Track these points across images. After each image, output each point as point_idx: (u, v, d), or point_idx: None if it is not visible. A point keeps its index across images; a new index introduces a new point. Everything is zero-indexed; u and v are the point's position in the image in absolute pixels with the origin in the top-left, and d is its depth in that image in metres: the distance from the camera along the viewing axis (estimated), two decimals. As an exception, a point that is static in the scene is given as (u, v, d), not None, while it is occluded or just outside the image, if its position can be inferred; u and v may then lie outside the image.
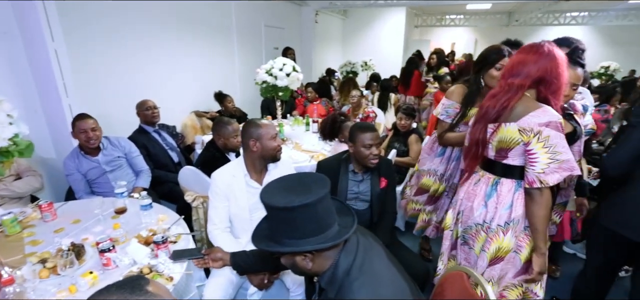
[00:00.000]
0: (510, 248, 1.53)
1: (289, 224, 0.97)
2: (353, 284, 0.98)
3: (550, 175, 1.35)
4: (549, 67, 1.39)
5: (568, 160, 1.33)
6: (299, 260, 1.03)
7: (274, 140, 1.82)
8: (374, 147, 1.92)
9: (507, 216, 1.51)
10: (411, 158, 3.06)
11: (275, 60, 3.18)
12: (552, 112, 1.36)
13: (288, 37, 6.71)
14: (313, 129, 3.87)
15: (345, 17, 10.15)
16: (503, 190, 1.52)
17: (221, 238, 1.81)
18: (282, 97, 3.30)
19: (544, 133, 1.34)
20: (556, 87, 1.41)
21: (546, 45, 1.42)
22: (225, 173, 1.84)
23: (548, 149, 1.35)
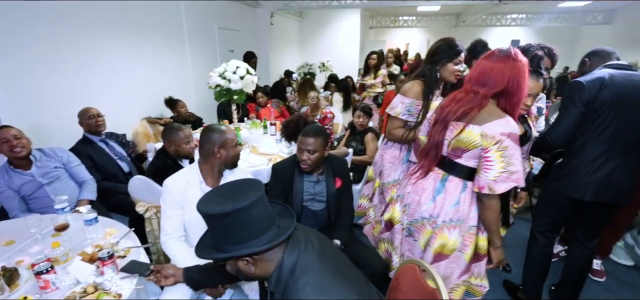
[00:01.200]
0: (455, 247, 1.58)
1: (227, 230, 0.98)
2: (297, 282, 0.99)
3: (500, 184, 1.40)
4: (514, 79, 1.42)
5: (517, 172, 1.40)
6: (242, 266, 1.04)
7: (237, 147, 1.83)
8: (306, 152, 1.92)
9: (453, 213, 1.56)
10: (368, 156, 3.12)
11: (229, 63, 3.11)
12: (513, 124, 1.41)
13: (243, 39, 6.60)
14: (271, 131, 3.84)
15: (302, 18, 10.18)
16: (450, 187, 1.56)
17: (176, 248, 1.74)
18: (237, 101, 3.24)
19: (504, 143, 1.38)
20: (517, 100, 1.45)
21: (512, 54, 1.44)
22: (179, 180, 1.78)
23: (503, 159, 1.39)
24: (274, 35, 7.81)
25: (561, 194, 1.94)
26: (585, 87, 1.76)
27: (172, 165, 2.31)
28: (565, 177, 1.92)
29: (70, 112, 2.84)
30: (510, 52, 1.44)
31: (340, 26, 9.95)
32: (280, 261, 1.03)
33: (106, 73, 3.64)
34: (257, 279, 1.10)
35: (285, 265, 1.02)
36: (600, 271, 2.63)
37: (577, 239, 2.12)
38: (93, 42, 3.44)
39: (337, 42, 9.96)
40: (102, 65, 3.58)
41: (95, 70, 3.49)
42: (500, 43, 2.42)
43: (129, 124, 3.87)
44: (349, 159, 2.99)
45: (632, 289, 2.55)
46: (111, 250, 1.48)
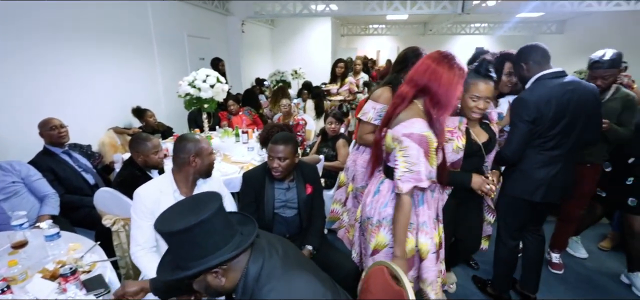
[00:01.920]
0: (385, 243, 1.66)
1: (191, 245, 0.96)
2: (262, 289, 0.99)
3: (405, 183, 1.46)
4: (438, 79, 1.45)
5: (419, 172, 1.45)
6: (211, 280, 1.02)
7: (211, 155, 1.85)
8: (276, 160, 1.95)
9: (383, 214, 1.64)
10: (340, 162, 3.17)
11: (198, 71, 3.08)
12: (419, 125, 1.45)
13: (214, 47, 6.54)
14: (243, 139, 3.82)
15: (274, 26, 10.20)
16: (384, 189, 1.65)
17: (146, 259, 1.70)
18: (207, 109, 3.21)
19: (404, 143, 1.44)
20: (437, 101, 1.47)
21: (444, 55, 1.48)
22: (151, 189, 1.75)
23: (406, 158, 1.45)
24: (245, 43, 7.78)
25: (519, 196, 2.06)
26: (531, 105, 1.86)
27: (140, 176, 2.25)
28: (517, 180, 2.05)
29: (29, 122, 2.71)
30: (444, 54, 1.49)
31: (312, 34, 10.05)
32: (245, 270, 1.03)
33: (69, 81, 3.49)
34: (225, 293, 1.08)
35: (250, 273, 1.02)
36: (558, 264, 2.81)
37: (529, 231, 2.27)
38: (54, 46, 3.29)
39: (309, 50, 10.05)
40: (64, 72, 3.43)
41: (57, 78, 3.34)
42: (465, 50, 2.55)
43: (95, 134, 3.73)
44: (321, 166, 3.03)
45: (588, 281, 2.73)
46: (74, 265, 1.44)
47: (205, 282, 1.02)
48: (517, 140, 1.93)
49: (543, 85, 1.90)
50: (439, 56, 1.49)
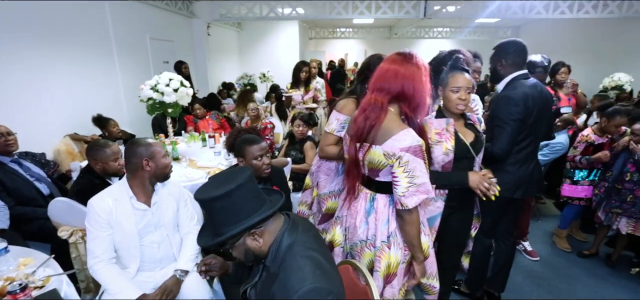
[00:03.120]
0: (398, 261, 1.55)
1: (232, 208, 1.08)
2: (296, 256, 1.09)
3: (410, 198, 1.39)
4: (410, 82, 1.40)
5: (424, 184, 1.39)
6: (250, 242, 1.12)
7: (165, 157, 1.80)
8: (265, 157, 1.98)
9: (387, 231, 1.54)
10: (307, 164, 3.20)
11: (161, 75, 3.00)
12: (412, 136, 1.38)
13: (179, 50, 6.37)
14: (210, 144, 3.76)
15: (241, 29, 10.09)
16: (379, 205, 1.54)
17: (107, 272, 1.65)
18: (171, 114, 3.13)
19: (404, 158, 1.36)
20: (417, 103, 1.44)
21: (408, 56, 1.45)
22: (105, 198, 1.69)
23: (407, 173, 1.38)
24: (211, 46, 7.64)
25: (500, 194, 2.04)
26: (520, 102, 1.93)
27: (99, 184, 2.16)
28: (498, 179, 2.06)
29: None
30: (406, 54, 1.46)
31: (280, 37, 10.04)
32: (280, 236, 1.14)
33: (19, 85, 3.28)
34: (261, 256, 1.16)
35: (283, 242, 1.13)
36: (532, 251, 3.00)
37: (503, 233, 2.31)
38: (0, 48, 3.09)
39: (277, 53, 10.03)
40: (12, 76, 3.22)
41: (4, 82, 3.13)
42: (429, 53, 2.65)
43: (50, 142, 3.53)
44: (289, 168, 3.04)
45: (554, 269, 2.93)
46: (24, 281, 1.36)
47: (245, 245, 1.13)
48: (507, 137, 1.94)
49: (521, 85, 1.99)
50: (402, 58, 1.45)
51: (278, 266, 1.11)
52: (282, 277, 1.07)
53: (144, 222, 1.76)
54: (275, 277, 1.10)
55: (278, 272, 1.10)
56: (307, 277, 1.03)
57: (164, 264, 1.88)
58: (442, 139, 1.72)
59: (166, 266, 1.88)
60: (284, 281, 1.06)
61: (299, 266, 1.06)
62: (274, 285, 1.09)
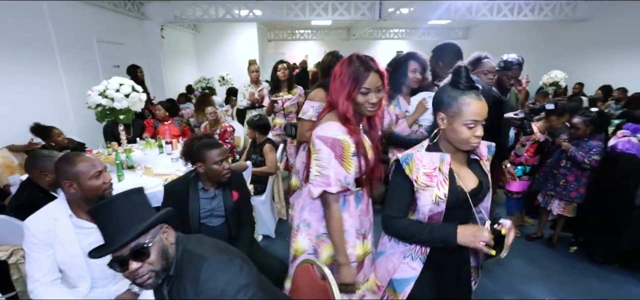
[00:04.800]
0: (304, 249, 1.59)
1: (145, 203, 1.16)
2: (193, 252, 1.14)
3: (316, 187, 1.42)
4: (332, 81, 1.44)
5: (328, 177, 1.39)
6: (164, 239, 1.15)
7: (97, 178, 1.59)
8: (224, 161, 1.96)
9: (299, 219, 1.60)
10: (268, 167, 3.19)
11: (110, 80, 2.86)
12: (333, 128, 1.40)
13: (131, 53, 6.08)
14: (167, 150, 3.63)
15: (197, 31, 9.81)
16: (304, 192, 1.60)
17: (48, 295, 1.53)
18: (123, 121, 2.99)
19: (317, 145, 1.40)
20: (335, 98, 1.43)
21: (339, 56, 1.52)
22: (42, 217, 1.56)
23: (317, 162, 1.40)
24: (167, 49, 7.36)
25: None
26: None
27: (42, 198, 2.01)
28: None
29: None
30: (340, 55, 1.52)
31: (238, 39, 9.89)
32: (175, 243, 1.18)
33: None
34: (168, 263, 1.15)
35: (179, 246, 1.17)
36: None
37: None
38: None
39: (235, 55, 9.86)
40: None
41: None
42: (386, 54, 2.76)
43: (-17, 156, 3.23)
44: (249, 172, 3.02)
45: None
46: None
47: (161, 242, 1.14)
48: None
49: None
50: (344, 61, 1.45)
51: (179, 268, 1.14)
52: (185, 272, 1.12)
53: (90, 240, 1.62)
54: (180, 278, 1.13)
55: (181, 273, 1.13)
56: (206, 254, 1.12)
57: (118, 279, 1.78)
58: (432, 182, 1.29)
59: (121, 280, 1.79)
60: (188, 273, 1.11)
61: (198, 254, 1.13)
62: (181, 286, 1.12)
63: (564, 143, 2.89)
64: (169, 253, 1.15)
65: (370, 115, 1.48)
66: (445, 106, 1.27)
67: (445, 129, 1.29)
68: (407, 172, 1.31)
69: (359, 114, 1.46)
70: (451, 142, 1.30)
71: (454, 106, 1.24)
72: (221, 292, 1.05)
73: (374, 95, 1.41)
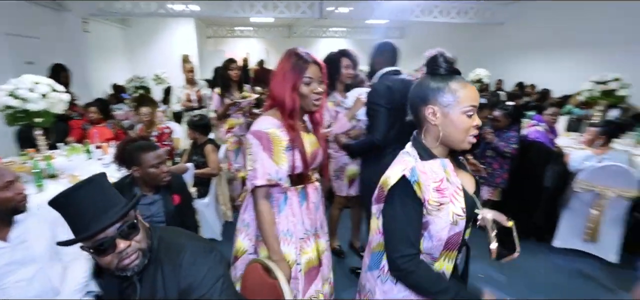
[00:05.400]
0: (245, 249, 1.57)
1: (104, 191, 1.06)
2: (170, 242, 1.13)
3: (249, 182, 1.41)
4: (273, 79, 1.45)
5: (255, 170, 1.39)
6: (141, 227, 1.09)
7: (7, 190, 1.47)
8: (162, 164, 1.86)
9: (241, 219, 1.59)
10: (211, 168, 3.09)
11: (21, 78, 2.54)
12: (264, 122, 1.41)
13: (47, 49, 5.45)
14: (97, 155, 3.34)
15: (126, 26, 9.11)
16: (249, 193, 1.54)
17: None
18: (41, 124, 2.68)
19: (250, 140, 1.41)
20: (276, 99, 1.44)
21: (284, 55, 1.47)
22: None
23: (250, 156, 1.41)
24: (92, 44, 6.73)
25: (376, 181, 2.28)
26: (382, 92, 2.15)
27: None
28: (373, 165, 2.29)
29: None
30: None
31: (174, 35, 9.38)
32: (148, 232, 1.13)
33: None
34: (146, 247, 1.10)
35: (154, 235, 1.14)
36: None
37: None
38: None
39: (172, 53, 9.30)
40: None
41: None
42: (328, 52, 2.81)
43: None
44: (191, 174, 2.90)
45: None
46: None
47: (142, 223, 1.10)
48: (380, 123, 2.11)
49: (388, 78, 2.22)
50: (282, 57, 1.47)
51: (155, 255, 1.12)
52: (164, 259, 1.10)
53: (1, 261, 1.48)
54: (158, 265, 1.10)
55: (158, 260, 1.11)
56: (187, 242, 1.13)
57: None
58: (445, 198, 1.05)
59: None
60: (168, 260, 1.10)
61: (178, 242, 1.13)
62: (158, 274, 1.10)
63: (488, 135, 3.21)
64: (150, 235, 1.13)
65: (315, 108, 1.47)
66: (435, 96, 1.05)
67: (438, 124, 1.06)
68: (418, 193, 1.03)
69: (304, 109, 1.47)
70: (447, 138, 1.07)
71: (447, 93, 1.04)
72: (202, 277, 1.07)
73: (317, 85, 1.43)
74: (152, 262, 1.10)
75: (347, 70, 2.62)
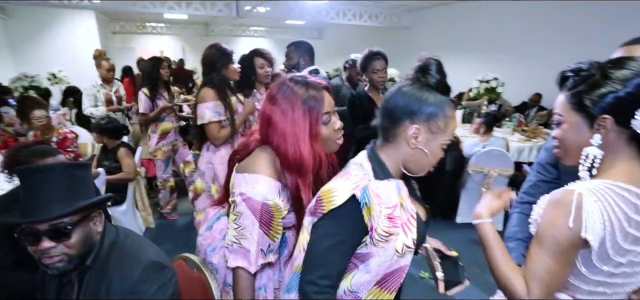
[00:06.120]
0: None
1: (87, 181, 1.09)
2: (125, 246, 1.12)
3: (232, 254, 1.09)
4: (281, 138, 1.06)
5: (247, 251, 1.06)
6: (92, 225, 1.08)
7: None
8: None
9: (210, 258, 1.30)
10: (126, 173, 2.93)
11: None
12: (263, 186, 1.05)
13: None
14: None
15: (8, 17, 7.83)
16: (217, 228, 1.31)
17: None
18: None
19: (239, 207, 1.06)
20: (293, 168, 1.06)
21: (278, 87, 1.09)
22: None
23: (237, 226, 1.07)
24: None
25: None
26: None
27: None
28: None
29: None
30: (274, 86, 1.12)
31: (72, 30, 8.33)
32: (103, 232, 1.11)
33: None
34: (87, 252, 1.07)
35: (107, 238, 1.11)
36: None
37: None
38: None
39: (70, 49, 8.28)
40: None
41: None
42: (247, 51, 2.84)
43: None
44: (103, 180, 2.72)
45: None
46: None
47: (88, 227, 1.06)
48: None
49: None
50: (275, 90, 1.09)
51: (103, 261, 1.09)
52: (114, 266, 1.08)
53: None
54: (104, 271, 1.07)
55: (106, 266, 1.08)
56: (145, 253, 1.11)
57: None
58: (397, 227, 0.90)
59: None
60: (118, 268, 1.07)
61: (134, 252, 1.11)
62: (103, 279, 1.07)
63: None
64: (93, 241, 1.08)
65: (338, 146, 1.14)
66: (426, 116, 0.90)
67: (415, 147, 0.91)
68: (365, 219, 0.87)
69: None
70: (414, 164, 0.94)
71: (441, 118, 0.90)
72: (150, 295, 1.06)
73: (336, 118, 1.12)
74: (99, 268, 1.08)
75: (262, 70, 2.60)
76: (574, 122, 0.86)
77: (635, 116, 0.77)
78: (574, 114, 0.85)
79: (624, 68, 0.78)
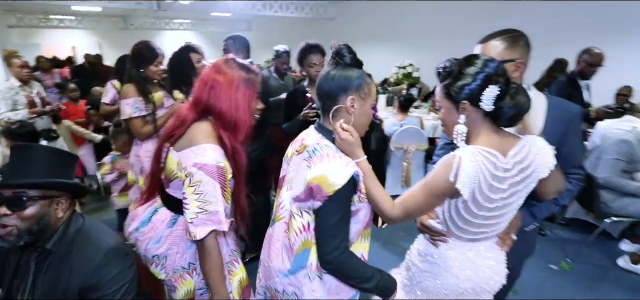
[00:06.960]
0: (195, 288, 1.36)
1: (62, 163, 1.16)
2: (90, 234, 1.15)
3: (200, 227, 1.14)
4: (218, 99, 1.20)
5: (216, 213, 1.15)
6: (51, 209, 1.10)
7: None
8: None
9: (155, 250, 1.29)
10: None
11: None
12: (212, 153, 1.16)
13: None
14: None
15: None
16: (157, 220, 1.31)
17: None
18: None
19: (196, 176, 1.13)
20: (231, 126, 1.21)
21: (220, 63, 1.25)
22: None
23: (198, 196, 1.14)
24: None
25: None
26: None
27: None
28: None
29: None
30: (223, 60, 1.27)
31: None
32: (69, 218, 1.16)
33: None
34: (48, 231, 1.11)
35: (72, 225, 1.16)
36: None
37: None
38: None
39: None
40: None
41: None
42: (173, 45, 2.79)
43: None
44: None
45: None
46: None
47: (45, 210, 1.08)
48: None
49: None
50: (221, 63, 1.24)
51: (67, 246, 1.13)
52: (77, 251, 1.12)
53: None
54: (67, 256, 1.12)
55: (70, 251, 1.13)
56: (107, 241, 1.15)
57: None
58: None
59: None
60: (81, 253, 1.12)
61: (97, 238, 1.16)
62: (66, 264, 1.12)
63: None
64: (49, 224, 1.10)
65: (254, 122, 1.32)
66: (356, 87, 1.11)
67: (354, 113, 1.12)
68: (359, 185, 1.10)
69: None
70: (357, 127, 1.14)
71: (365, 85, 1.13)
72: (109, 279, 1.11)
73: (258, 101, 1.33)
74: (61, 252, 1.12)
75: (199, 64, 2.58)
76: (447, 107, 1.11)
77: (481, 100, 1.01)
78: (446, 100, 1.10)
79: (472, 65, 1.02)
